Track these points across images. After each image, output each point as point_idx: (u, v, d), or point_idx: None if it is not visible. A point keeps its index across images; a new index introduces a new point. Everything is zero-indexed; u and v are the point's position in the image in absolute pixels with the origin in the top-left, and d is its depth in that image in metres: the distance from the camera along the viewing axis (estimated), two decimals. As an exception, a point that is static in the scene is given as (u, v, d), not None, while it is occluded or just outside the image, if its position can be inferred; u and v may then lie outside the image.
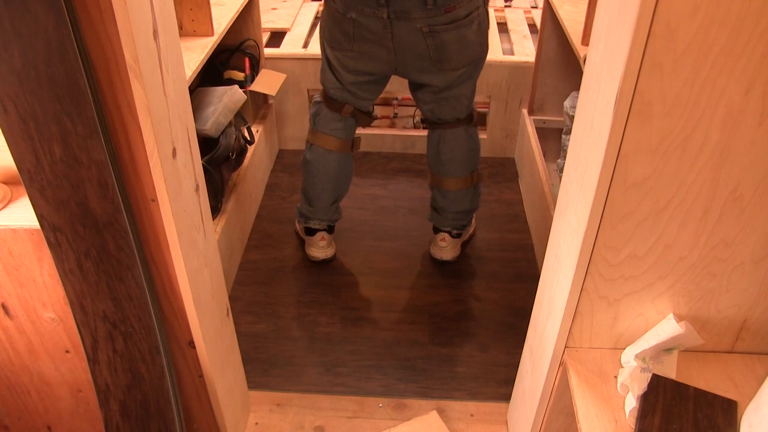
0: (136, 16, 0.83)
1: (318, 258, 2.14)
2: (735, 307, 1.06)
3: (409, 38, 1.70)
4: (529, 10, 2.98)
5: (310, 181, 2.05)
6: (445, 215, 2.11)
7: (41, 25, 0.80)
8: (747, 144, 0.87)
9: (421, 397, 1.68)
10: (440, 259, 2.15)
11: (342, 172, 2.04)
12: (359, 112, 1.96)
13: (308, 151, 2.03)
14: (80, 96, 0.87)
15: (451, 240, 2.14)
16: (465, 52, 1.76)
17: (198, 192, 1.13)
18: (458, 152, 1.99)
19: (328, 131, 1.97)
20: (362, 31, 1.71)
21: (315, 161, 2.01)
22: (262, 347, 1.82)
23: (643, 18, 0.76)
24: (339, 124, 1.96)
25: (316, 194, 2.06)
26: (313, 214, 2.10)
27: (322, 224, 2.12)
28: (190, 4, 1.80)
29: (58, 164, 0.94)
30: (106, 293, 1.09)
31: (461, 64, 1.78)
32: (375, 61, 1.79)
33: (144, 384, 1.22)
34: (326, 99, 1.96)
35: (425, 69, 1.78)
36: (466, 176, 2.03)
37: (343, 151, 2.00)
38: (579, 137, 1.01)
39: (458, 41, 1.72)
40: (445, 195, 2.07)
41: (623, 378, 1.03)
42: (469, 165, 2.02)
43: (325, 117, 1.96)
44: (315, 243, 2.14)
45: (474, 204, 2.11)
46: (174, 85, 0.98)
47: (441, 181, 2.05)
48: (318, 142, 1.99)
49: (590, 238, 0.97)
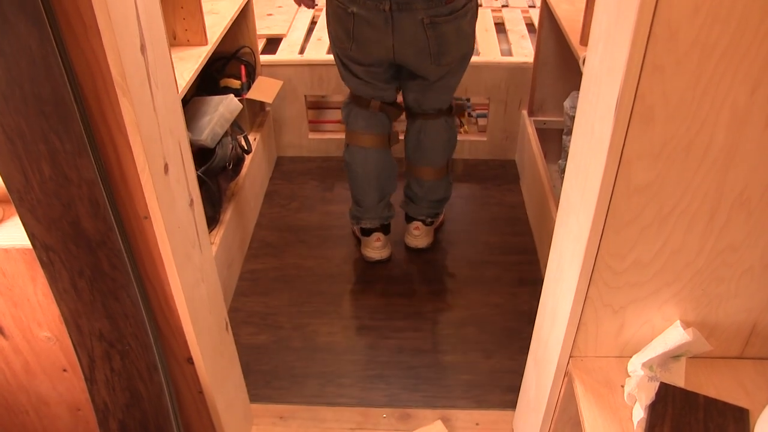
0: (121, 31, 0.81)
1: (373, 258, 2.16)
2: (744, 311, 1.04)
3: (409, 30, 1.72)
4: (526, 9, 2.96)
5: (353, 182, 2.08)
6: (421, 204, 2.15)
7: (24, 42, 0.78)
8: (753, 146, 0.84)
9: (426, 406, 1.65)
10: (415, 248, 2.19)
11: (383, 169, 2.05)
12: (387, 104, 1.98)
13: (346, 152, 2.05)
14: (67, 113, 0.85)
15: (425, 228, 2.18)
16: (461, 43, 1.80)
17: (192, 207, 1.11)
18: (438, 143, 2.03)
19: (361, 129, 1.99)
20: (362, 26, 1.73)
21: (353, 161, 2.03)
22: (263, 359, 1.80)
23: (642, 19, 0.74)
24: (372, 120, 1.98)
25: (360, 194, 2.08)
26: (362, 214, 2.12)
27: (374, 223, 2.13)
28: (182, 14, 1.78)
29: (47, 183, 0.92)
30: (101, 312, 1.07)
31: (457, 56, 1.82)
32: (375, 53, 1.80)
33: (143, 402, 1.20)
34: (353, 98, 1.99)
35: (422, 61, 1.80)
36: (443, 166, 2.08)
37: (379, 147, 2.02)
38: (579, 143, 0.98)
39: (456, 32, 1.76)
40: (422, 184, 2.10)
41: (630, 388, 1.01)
42: (446, 154, 2.07)
43: (356, 115, 1.99)
44: (370, 243, 2.15)
45: (447, 192, 2.17)
46: (164, 100, 0.96)
47: (419, 170, 2.09)
48: (353, 141, 2.02)
49: (593, 246, 0.95)
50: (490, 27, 2.79)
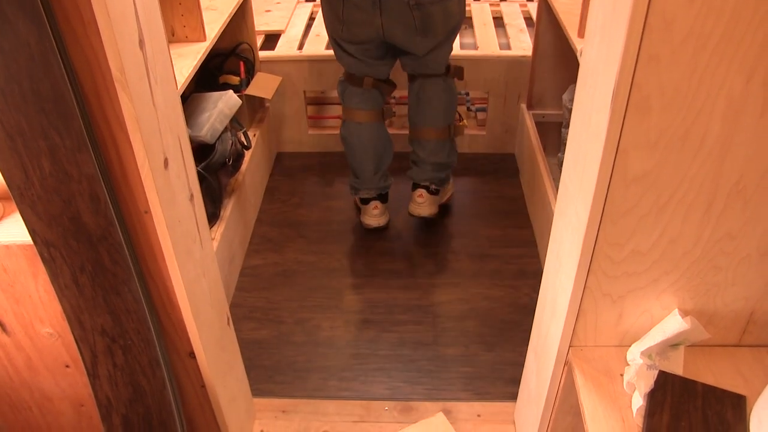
0: (120, 27, 0.81)
1: (371, 225, 2.25)
2: (742, 300, 1.04)
3: (396, 11, 1.84)
4: (524, 3, 2.95)
5: (350, 155, 2.20)
6: (424, 167, 2.21)
7: (23, 39, 0.78)
8: (749, 135, 0.85)
9: (428, 398, 1.66)
10: (418, 216, 2.23)
11: (378, 141, 2.17)
12: (379, 81, 2.10)
13: (342, 127, 2.19)
14: (67, 109, 0.85)
15: (429, 196, 2.22)
16: (448, 21, 1.92)
17: (193, 201, 1.12)
18: (436, 101, 2.13)
19: (355, 105, 2.12)
20: (351, 9, 1.86)
21: (349, 135, 2.16)
22: (265, 354, 1.81)
23: (638, 10, 0.74)
24: (364, 96, 2.11)
25: (358, 166, 2.20)
26: (360, 185, 2.23)
27: (371, 193, 2.23)
28: (181, 10, 1.79)
29: (47, 179, 0.92)
30: (103, 307, 1.08)
31: (443, 32, 1.94)
32: (365, 34, 1.93)
33: (146, 397, 1.20)
34: (347, 76, 2.11)
35: (410, 39, 1.93)
36: (444, 127, 2.17)
37: (373, 121, 2.14)
38: (577, 134, 0.99)
39: (442, 12, 1.87)
40: (424, 146, 2.18)
41: (629, 376, 1.01)
42: (446, 116, 2.17)
43: (350, 93, 2.12)
44: (368, 211, 2.25)
45: (451, 158, 2.24)
46: (163, 95, 0.96)
47: (421, 132, 2.18)
48: (349, 117, 2.15)
49: (591, 236, 0.95)
50: (488, 21, 2.79)
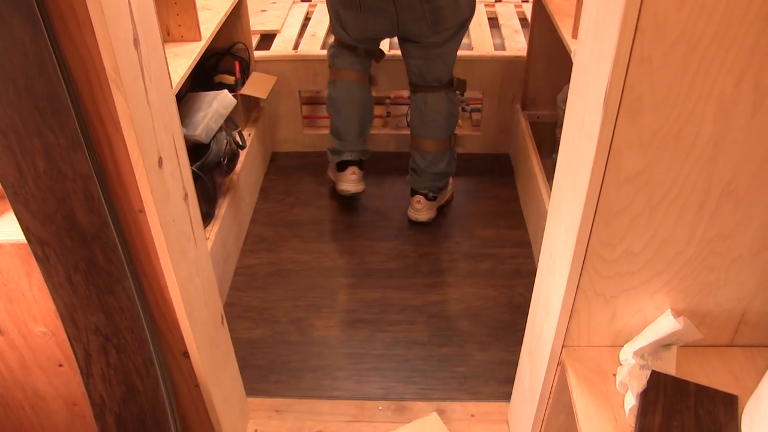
0: (115, 26, 0.81)
1: (349, 191, 2.31)
2: (734, 300, 1.05)
3: (408, 3, 1.93)
4: (519, 4, 2.96)
5: (338, 115, 2.26)
6: (424, 176, 2.26)
7: (17, 37, 0.78)
8: (740, 136, 0.85)
9: (421, 398, 1.66)
10: (416, 221, 2.31)
11: (365, 101, 2.26)
12: (371, 51, 2.21)
13: (332, 88, 2.25)
14: (61, 108, 0.86)
15: (427, 202, 2.29)
16: (457, 13, 1.99)
17: (187, 200, 1.12)
18: (439, 115, 2.18)
19: (348, 65, 2.20)
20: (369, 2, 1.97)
21: (340, 95, 2.23)
22: (259, 353, 1.81)
23: (630, 11, 0.75)
24: (356, 59, 2.19)
25: (344, 127, 2.26)
26: (344, 147, 2.28)
27: (353, 155, 2.28)
28: (176, 9, 1.79)
29: (42, 177, 0.92)
30: (97, 306, 1.08)
31: (453, 24, 2.01)
32: (380, 24, 2.04)
33: (139, 396, 1.20)
34: (338, 40, 2.20)
35: (422, 30, 2.00)
36: (445, 139, 2.22)
37: (362, 81, 2.23)
38: (570, 134, 0.99)
39: (452, 5, 1.96)
40: (424, 156, 2.23)
41: (622, 376, 1.02)
42: (448, 128, 2.21)
43: (342, 54, 2.19)
44: (346, 177, 2.30)
45: (450, 167, 2.28)
46: (158, 94, 0.97)
47: (422, 143, 2.23)
48: (339, 77, 2.22)
49: (584, 235, 0.96)
50: (483, 22, 2.80)
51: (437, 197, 2.31)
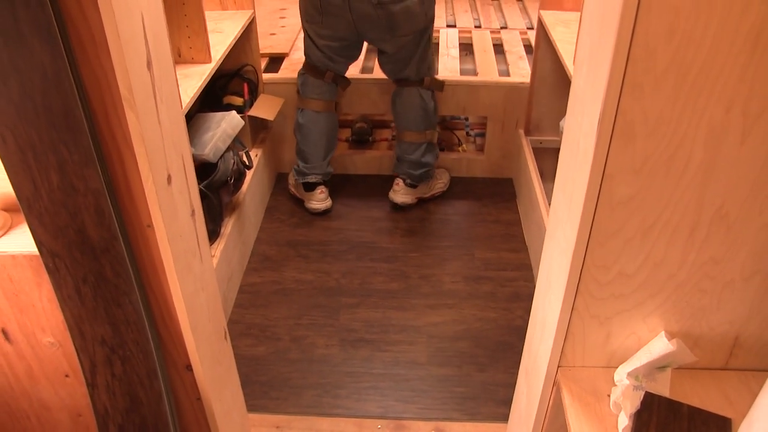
0: (129, 48, 0.85)
1: (319, 209, 2.50)
2: (727, 323, 1.07)
3: (363, 10, 2.10)
4: (524, 31, 3.01)
5: (305, 141, 2.44)
6: (402, 163, 2.50)
7: (38, 58, 0.82)
8: (730, 162, 0.88)
9: (420, 418, 1.68)
10: (392, 201, 2.54)
11: (331, 129, 2.45)
12: (338, 76, 2.39)
13: (300, 115, 2.43)
14: (76, 126, 0.89)
15: (404, 186, 2.53)
16: (412, 21, 2.15)
17: (194, 217, 1.15)
18: (411, 108, 2.40)
19: (316, 96, 2.38)
20: (327, 5, 2.12)
21: (307, 122, 2.41)
22: (261, 370, 1.83)
23: (622, 41, 0.78)
24: (323, 88, 2.38)
25: (310, 151, 2.44)
26: (309, 170, 2.46)
27: (318, 177, 2.47)
28: (188, 32, 1.84)
29: (55, 192, 0.95)
30: (104, 318, 1.10)
31: (409, 31, 2.19)
32: (341, 29, 2.20)
33: (142, 407, 1.22)
34: (309, 68, 2.37)
35: (380, 36, 2.19)
36: (419, 131, 2.43)
37: (328, 111, 2.42)
38: (566, 159, 1.02)
39: (404, 12, 2.11)
40: (401, 145, 2.48)
41: (615, 396, 1.04)
42: (421, 122, 2.42)
43: (311, 84, 2.38)
44: (315, 196, 2.49)
45: (426, 158, 2.48)
46: (168, 114, 1.00)
47: (400, 133, 2.48)
48: (308, 106, 2.40)
49: (579, 257, 0.98)
50: (488, 48, 2.85)
51: (417, 186, 2.54)
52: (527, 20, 3.12)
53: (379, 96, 2.58)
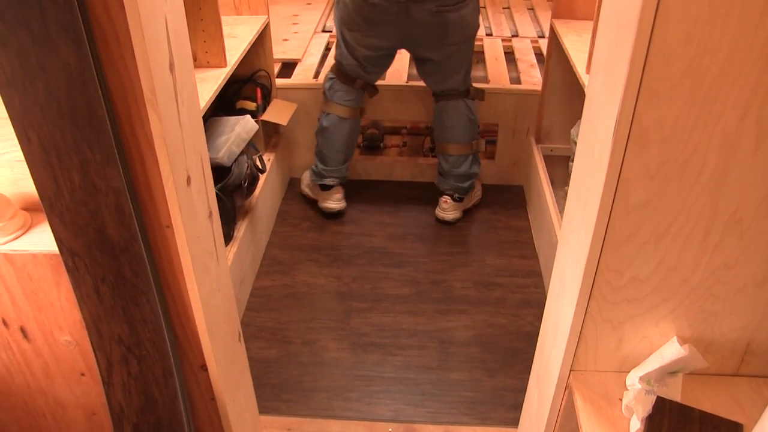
0: (153, 50, 0.87)
1: (334, 209, 2.50)
2: (739, 329, 1.07)
3: (421, 17, 2.09)
4: (536, 39, 3.02)
5: (327, 144, 2.44)
6: (448, 178, 2.47)
7: (64, 59, 0.84)
8: (744, 168, 0.89)
9: (431, 421, 1.69)
10: (442, 220, 2.50)
11: (353, 136, 2.45)
12: (368, 85, 2.38)
13: (324, 119, 2.42)
14: (99, 126, 0.91)
15: (452, 203, 2.49)
16: (464, 29, 2.18)
17: (211, 218, 1.16)
18: (458, 121, 2.38)
19: (343, 102, 2.37)
20: (380, 13, 2.09)
21: (331, 127, 2.40)
22: (272, 372, 1.84)
23: (639, 48, 0.79)
24: (351, 95, 2.37)
25: (331, 155, 2.44)
26: (328, 173, 2.47)
27: (335, 181, 2.48)
28: (204, 36, 1.86)
29: (77, 191, 0.97)
30: (121, 317, 1.12)
31: (460, 39, 2.19)
32: (388, 38, 2.19)
33: (157, 407, 1.24)
34: (340, 74, 2.35)
35: (430, 44, 2.18)
36: (467, 143, 2.42)
37: (354, 117, 2.41)
38: (581, 165, 1.03)
39: (460, 20, 2.13)
40: (447, 159, 2.45)
41: (627, 400, 1.04)
42: (469, 132, 2.41)
43: (340, 90, 2.36)
44: (331, 196, 2.50)
45: (473, 169, 2.47)
46: (189, 116, 1.02)
47: (445, 147, 2.44)
48: (334, 111, 2.39)
49: (593, 262, 0.99)
50: (500, 56, 2.86)
51: (463, 199, 2.50)
52: (538, 29, 3.14)
53: (391, 103, 2.60)
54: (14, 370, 1.28)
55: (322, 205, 2.51)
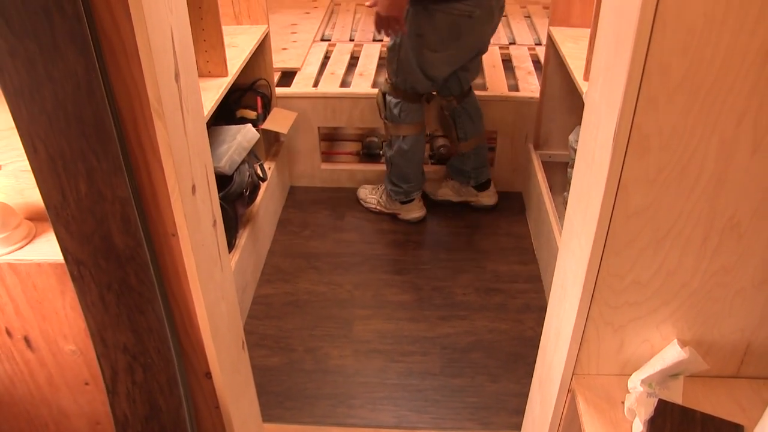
0: (159, 60, 0.88)
1: (419, 217, 2.57)
2: (738, 331, 1.08)
3: (498, 18, 2.20)
4: (533, 47, 3.04)
5: (409, 164, 2.45)
6: (482, 169, 2.57)
7: (71, 68, 0.85)
8: (742, 173, 0.90)
9: (434, 427, 1.69)
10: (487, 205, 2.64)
11: (424, 144, 2.51)
12: (430, 94, 2.44)
13: (402, 142, 2.40)
14: (106, 135, 0.92)
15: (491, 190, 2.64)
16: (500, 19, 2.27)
17: (215, 227, 1.18)
18: (478, 110, 2.48)
19: (417, 120, 2.37)
20: (474, 23, 2.09)
21: (412, 147, 2.41)
22: (275, 380, 1.85)
23: (637, 56, 0.80)
24: (420, 110, 2.38)
25: (414, 171, 2.48)
26: (412, 188, 2.52)
27: (419, 191, 2.55)
28: (205, 46, 1.87)
29: (83, 200, 0.98)
30: (126, 325, 1.12)
31: None
32: (473, 45, 2.22)
33: (162, 415, 1.24)
34: (407, 95, 2.31)
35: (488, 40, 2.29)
36: (482, 132, 2.52)
37: (424, 128, 2.46)
38: (581, 171, 1.04)
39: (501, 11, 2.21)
40: (478, 152, 2.52)
41: (630, 403, 1.05)
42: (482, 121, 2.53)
43: (410, 110, 2.34)
44: (414, 206, 2.57)
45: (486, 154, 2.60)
46: (193, 125, 1.03)
47: (474, 141, 2.49)
48: (411, 132, 2.39)
49: (594, 266, 1.00)
50: (497, 63, 2.88)
51: None
52: (535, 36, 3.16)
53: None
54: (17, 379, 1.28)
55: (408, 217, 2.57)
